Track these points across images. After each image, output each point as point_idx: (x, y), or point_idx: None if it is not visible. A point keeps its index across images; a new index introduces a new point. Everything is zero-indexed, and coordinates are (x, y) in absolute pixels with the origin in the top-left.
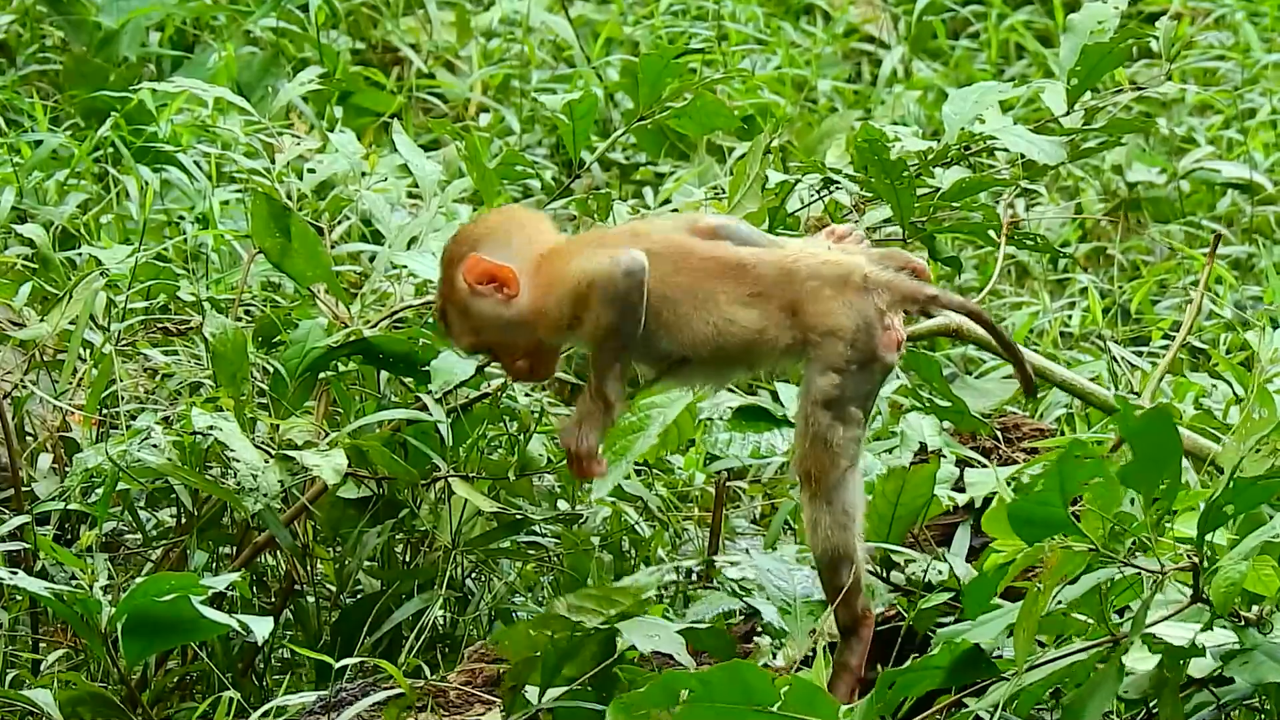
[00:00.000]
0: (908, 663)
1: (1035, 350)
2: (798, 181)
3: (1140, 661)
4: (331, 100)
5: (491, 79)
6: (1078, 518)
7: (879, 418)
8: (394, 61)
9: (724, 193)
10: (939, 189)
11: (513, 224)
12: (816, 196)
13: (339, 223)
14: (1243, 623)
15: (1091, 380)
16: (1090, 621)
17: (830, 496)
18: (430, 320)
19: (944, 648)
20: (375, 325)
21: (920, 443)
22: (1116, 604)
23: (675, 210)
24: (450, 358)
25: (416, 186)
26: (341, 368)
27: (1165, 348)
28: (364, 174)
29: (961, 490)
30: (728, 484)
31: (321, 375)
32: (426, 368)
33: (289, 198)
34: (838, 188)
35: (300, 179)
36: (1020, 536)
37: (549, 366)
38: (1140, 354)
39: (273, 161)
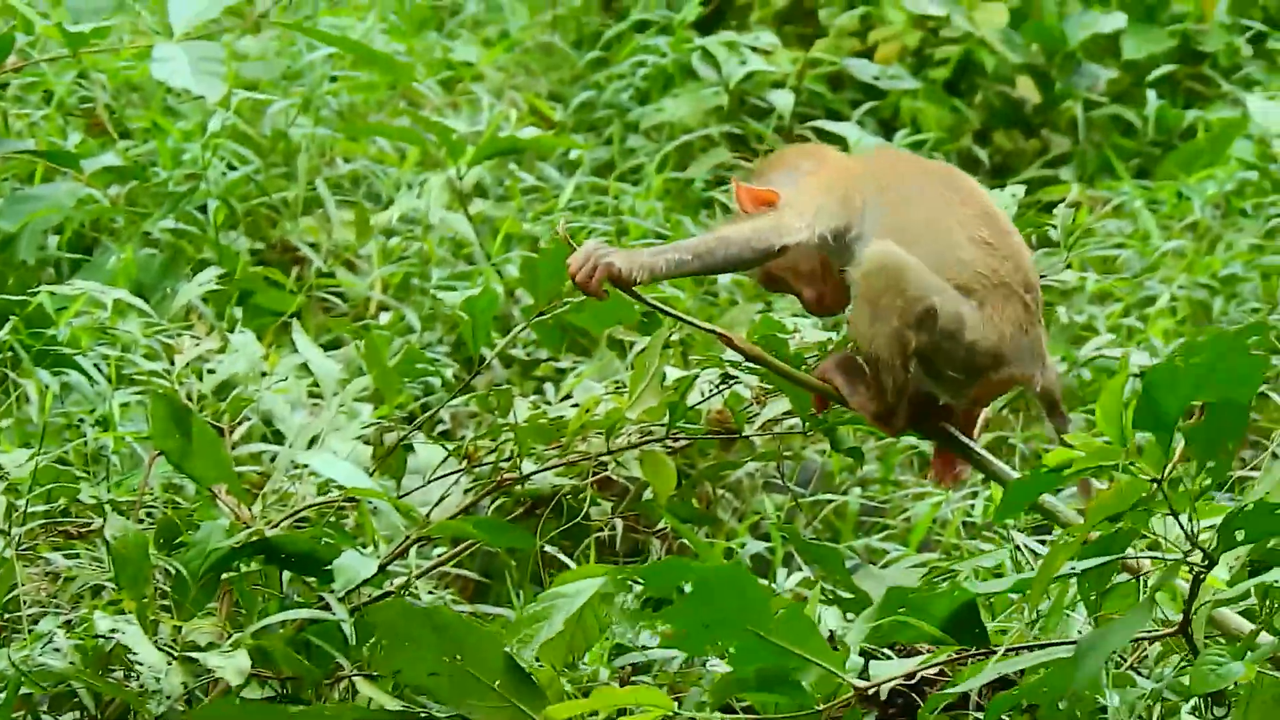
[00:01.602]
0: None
1: (938, 540)
2: (698, 375)
3: None
4: (231, 300)
5: (391, 277)
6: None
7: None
8: (294, 261)
9: (624, 387)
10: None
11: (796, 154)
12: (716, 390)
13: (240, 423)
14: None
15: (996, 571)
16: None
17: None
18: (332, 519)
19: (944, 595)
20: (277, 525)
21: (829, 631)
22: (1108, 608)
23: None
24: (352, 557)
25: (317, 386)
26: (244, 568)
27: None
28: (264, 374)
29: (866, 679)
30: (632, 679)
31: (224, 576)
32: (329, 567)
33: (189, 399)
34: (737, 381)
35: (200, 380)
36: (1137, 417)
37: (841, 298)
38: (1043, 543)
39: (172, 363)
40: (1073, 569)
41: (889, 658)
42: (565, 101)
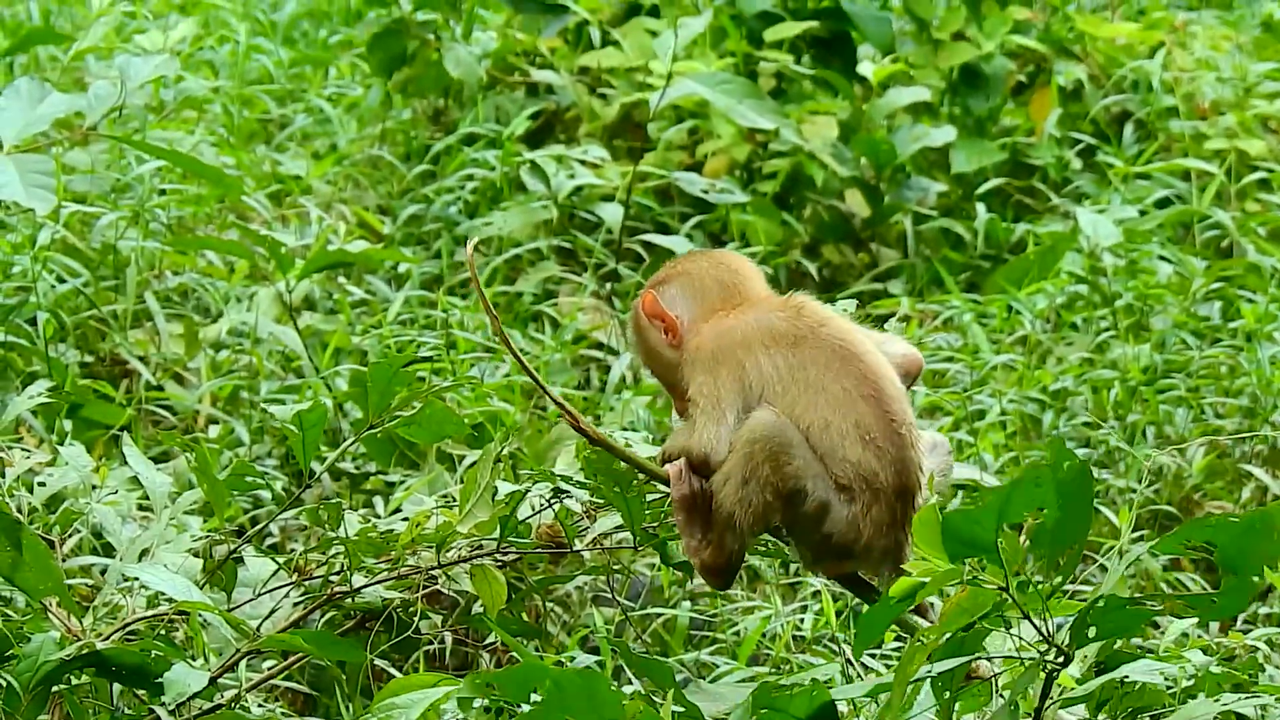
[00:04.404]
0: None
1: (767, 654)
2: (528, 489)
3: None
4: (61, 413)
5: (220, 390)
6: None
7: None
8: (123, 374)
9: (455, 501)
10: None
11: (714, 274)
12: (547, 504)
13: (70, 535)
14: None
15: (826, 680)
16: None
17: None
18: (162, 632)
19: (804, 694)
20: (108, 638)
21: None
22: (962, 710)
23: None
24: (183, 670)
25: (147, 499)
26: (75, 680)
27: (899, 649)
28: (94, 487)
29: None
30: None
31: (55, 688)
32: (159, 680)
33: (19, 512)
34: (568, 495)
35: (30, 493)
36: (946, 551)
37: None
38: (875, 657)
39: (3, 476)
40: (928, 671)
41: None
42: (394, 215)
